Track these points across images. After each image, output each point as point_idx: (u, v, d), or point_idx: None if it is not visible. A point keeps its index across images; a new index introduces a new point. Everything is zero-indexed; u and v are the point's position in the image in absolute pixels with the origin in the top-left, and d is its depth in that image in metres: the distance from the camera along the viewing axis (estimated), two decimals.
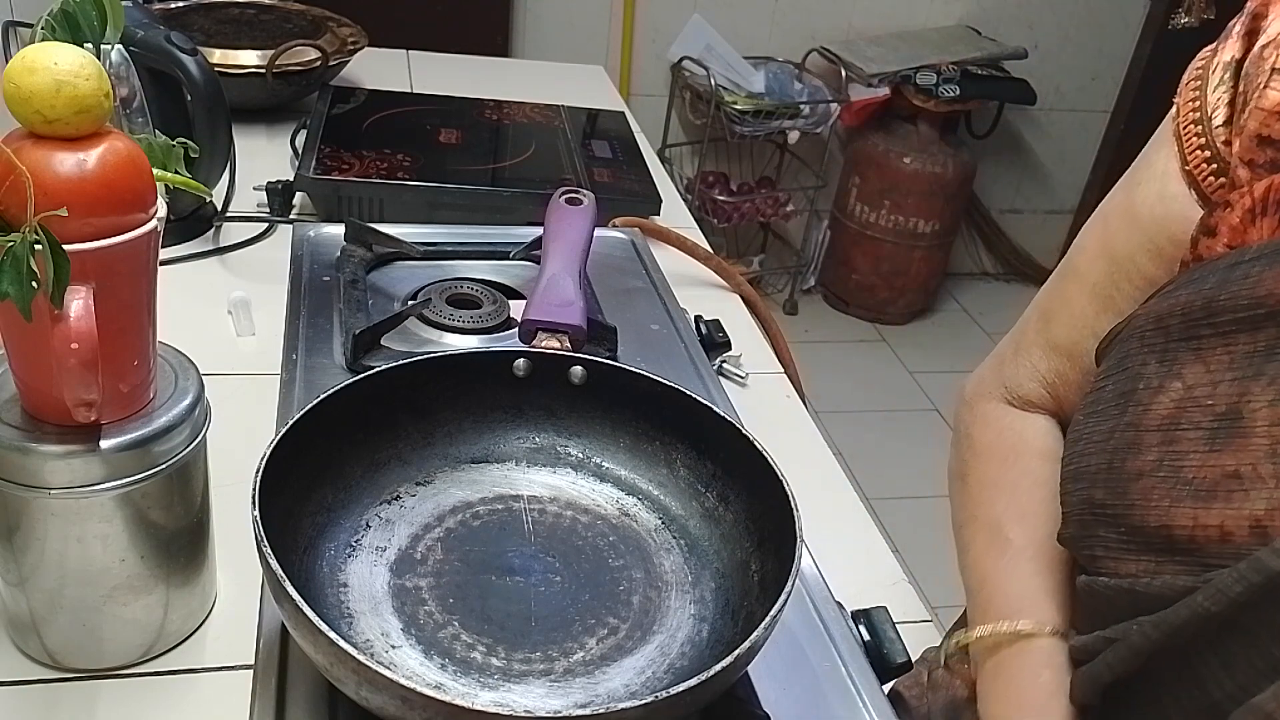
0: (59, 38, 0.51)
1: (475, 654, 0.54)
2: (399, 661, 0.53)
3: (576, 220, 0.82)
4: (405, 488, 0.64)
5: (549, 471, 0.67)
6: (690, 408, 0.63)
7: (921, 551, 2.23)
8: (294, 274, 0.90)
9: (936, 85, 2.64)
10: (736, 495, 0.61)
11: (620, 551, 0.62)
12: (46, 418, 0.53)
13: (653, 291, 0.96)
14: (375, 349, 0.79)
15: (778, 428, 0.94)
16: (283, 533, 0.53)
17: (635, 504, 0.65)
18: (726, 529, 0.61)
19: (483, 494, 0.65)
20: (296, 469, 0.56)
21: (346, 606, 0.56)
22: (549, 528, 0.63)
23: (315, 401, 0.58)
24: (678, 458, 0.65)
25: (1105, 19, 2.96)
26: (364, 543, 0.60)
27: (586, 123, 1.36)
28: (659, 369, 0.70)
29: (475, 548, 0.60)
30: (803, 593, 0.65)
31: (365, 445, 0.62)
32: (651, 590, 0.59)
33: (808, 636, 0.62)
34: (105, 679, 0.59)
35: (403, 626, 0.55)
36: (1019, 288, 3.24)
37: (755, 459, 0.59)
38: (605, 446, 0.67)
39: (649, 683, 0.54)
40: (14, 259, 0.45)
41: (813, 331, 2.93)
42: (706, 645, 0.56)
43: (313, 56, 1.29)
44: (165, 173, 0.55)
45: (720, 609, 0.58)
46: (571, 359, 0.67)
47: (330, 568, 0.57)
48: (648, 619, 0.58)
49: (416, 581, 0.58)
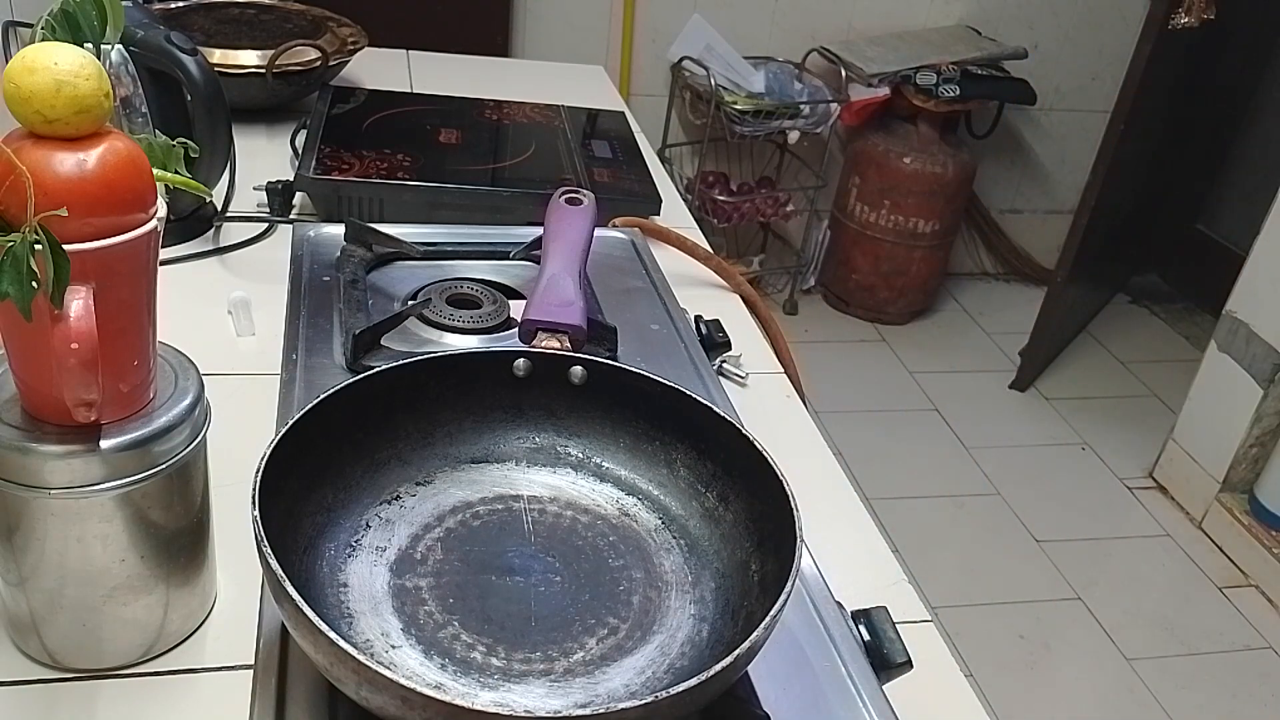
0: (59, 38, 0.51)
1: (475, 654, 0.54)
2: (399, 661, 0.53)
3: (576, 220, 0.82)
4: (405, 488, 0.64)
5: (549, 471, 0.67)
6: (690, 408, 0.63)
7: (921, 551, 2.23)
8: (294, 274, 0.90)
9: (936, 85, 2.64)
10: (736, 495, 0.62)
11: (620, 551, 0.62)
12: (46, 418, 0.53)
13: (653, 291, 0.96)
14: (375, 349, 0.79)
15: (778, 428, 0.94)
16: (283, 533, 0.53)
17: (635, 504, 0.65)
18: (726, 529, 0.61)
19: (483, 494, 0.65)
20: (296, 469, 0.56)
21: (346, 606, 0.56)
22: (549, 528, 0.63)
23: (315, 401, 0.58)
24: (678, 458, 0.65)
25: (1105, 19, 2.96)
26: (364, 543, 0.60)
27: (586, 123, 1.36)
28: (659, 369, 0.70)
29: (475, 548, 0.60)
30: (803, 593, 0.65)
31: (365, 445, 0.63)
32: (651, 590, 0.59)
33: (808, 636, 0.62)
34: (105, 679, 0.59)
35: (403, 626, 0.55)
36: (1019, 288, 3.24)
37: (755, 459, 0.59)
38: (605, 446, 0.67)
39: (649, 683, 0.54)
40: (14, 259, 0.45)
41: (813, 331, 2.93)
42: (706, 645, 0.56)
43: (313, 56, 1.29)
44: (165, 173, 0.55)
45: (720, 609, 0.58)
46: (571, 359, 0.67)
47: (330, 568, 0.57)
48: (648, 619, 0.58)
49: (416, 581, 0.58)
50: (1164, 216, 3.15)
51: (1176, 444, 2.41)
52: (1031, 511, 2.33)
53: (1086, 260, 2.64)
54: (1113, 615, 2.08)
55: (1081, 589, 2.13)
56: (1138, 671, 1.96)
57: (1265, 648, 2.05)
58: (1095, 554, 2.24)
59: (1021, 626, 2.03)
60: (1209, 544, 2.30)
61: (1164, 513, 2.39)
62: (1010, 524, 2.29)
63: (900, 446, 2.50)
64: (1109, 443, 2.58)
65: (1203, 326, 2.98)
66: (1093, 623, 2.06)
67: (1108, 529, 2.33)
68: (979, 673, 1.92)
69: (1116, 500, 2.42)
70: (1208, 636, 2.06)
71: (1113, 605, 2.10)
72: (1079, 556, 2.22)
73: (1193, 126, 2.91)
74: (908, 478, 2.40)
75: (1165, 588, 2.18)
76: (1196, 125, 2.93)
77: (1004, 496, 2.37)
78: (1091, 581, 2.16)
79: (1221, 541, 2.29)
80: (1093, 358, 2.94)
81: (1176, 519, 2.37)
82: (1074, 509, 2.36)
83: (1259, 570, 2.19)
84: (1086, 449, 2.57)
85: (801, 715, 0.57)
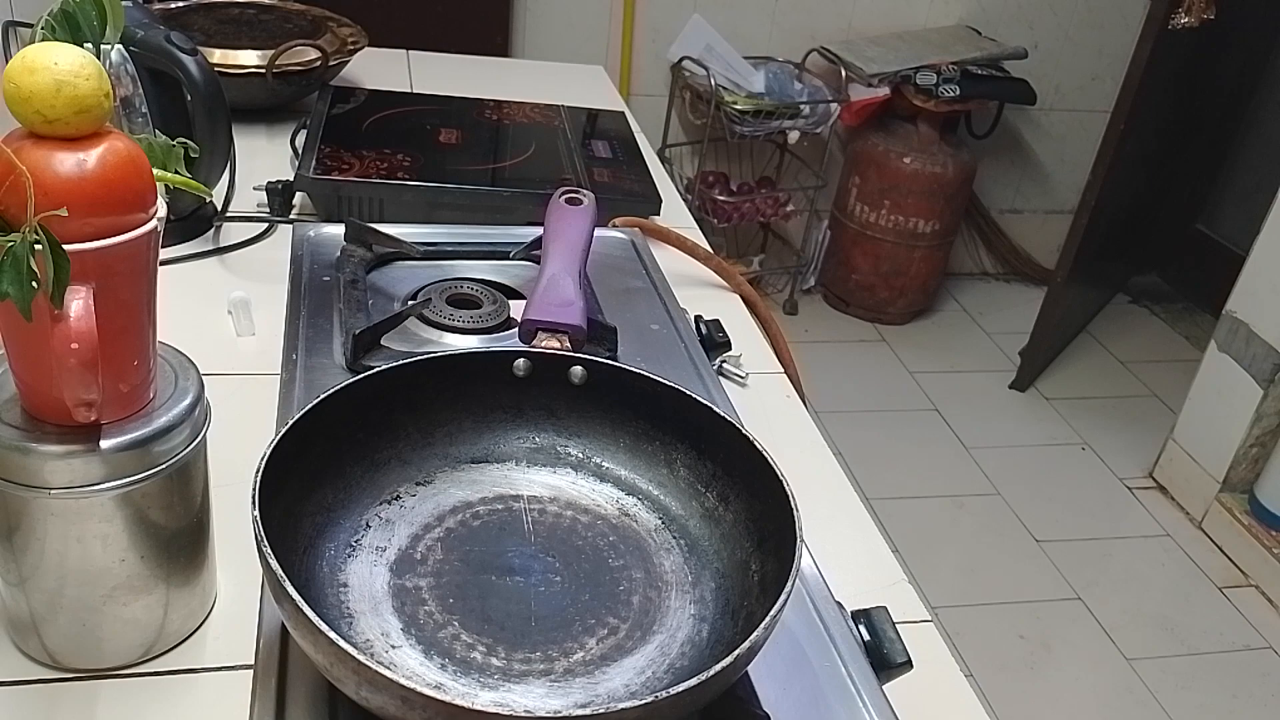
0: (59, 38, 0.51)
1: (475, 654, 0.54)
2: (399, 661, 0.53)
3: (576, 220, 0.82)
4: (405, 488, 0.64)
5: (549, 471, 0.67)
6: (690, 408, 0.63)
7: (921, 551, 2.24)
8: (294, 274, 0.90)
9: (936, 85, 2.64)
10: (736, 495, 0.61)
11: (620, 551, 0.62)
12: (46, 418, 0.53)
13: (653, 291, 0.96)
14: (375, 349, 0.79)
15: (778, 428, 0.94)
16: (282, 533, 0.53)
17: (635, 504, 0.65)
18: (726, 529, 0.61)
19: (483, 494, 0.65)
20: (296, 469, 0.56)
21: (346, 606, 0.56)
22: (549, 528, 0.63)
23: (315, 402, 0.58)
24: (678, 458, 0.65)
25: (1105, 19, 2.96)
26: (364, 543, 0.60)
27: (586, 123, 1.36)
28: (659, 369, 0.70)
29: (475, 548, 0.60)
30: (803, 593, 0.65)
31: (365, 445, 0.63)
32: (651, 590, 0.59)
33: (808, 636, 0.62)
34: (105, 679, 0.59)
35: (403, 626, 0.55)
36: (1019, 288, 3.24)
37: (755, 459, 0.59)
38: (605, 446, 0.67)
39: (649, 683, 0.54)
40: (14, 259, 0.45)
41: (813, 331, 2.93)
42: (707, 645, 0.56)
43: (313, 56, 1.29)
44: (165, 173, 0.55)
45: (720, 609, 0.58)
46: (571, 359, 0.67)
47: (330, 568, 0.57)
48: (648, 619, 0.58)
49: (416, 581, 0.58)
50: (1164, 216, 3.15)
51: (1176, 444, 2.41)
52: (1031, 511, 2.33)
53: (1086, 260, 2.64)
54: (1112, 615, 2.08)
55: (1081, 589, 2.13)
56: (1138, 671, 1.96)
57: (1265, 648, 2.05)
58: (1095, 554, 2.24)
59: (1021, 626, 2.03)
60: (1209, 544, 2.30)
61: (1164, 513, 2.39)
62: (1010, 524, 2.29)
63: (900, 446, 2.50)
64: (1109, 443, 2.58)
65: (1203, 326, 2.98)
66: (1093, 623, 2.06)
67: (1108, 529, 2.33)
68: (979, 673, 1.92)
69: (1116, 500, 2.42)
70: (1207, 636, 2.06)
71: (1112, 605, 2.10)
72: (1079, 556, 2.22)
73: (1193, 126, 2.91)
74: (908, 478, 2.40)
75: (1165, 588, 2.18)
76: (1196, 125, 2.92)
77: (1004, 496, 2.37)
78: (1091, 581, 2.16)
79: (1221, 541, 2.29)
80: (1093, 358, 2.94)
81: (1176, 519, 2.37)
82: (1074, 509, 2.36)
83: (1259, 570, 2.19)
84: (1086, 449, 2.57)
85: (801, 715, 0.57)
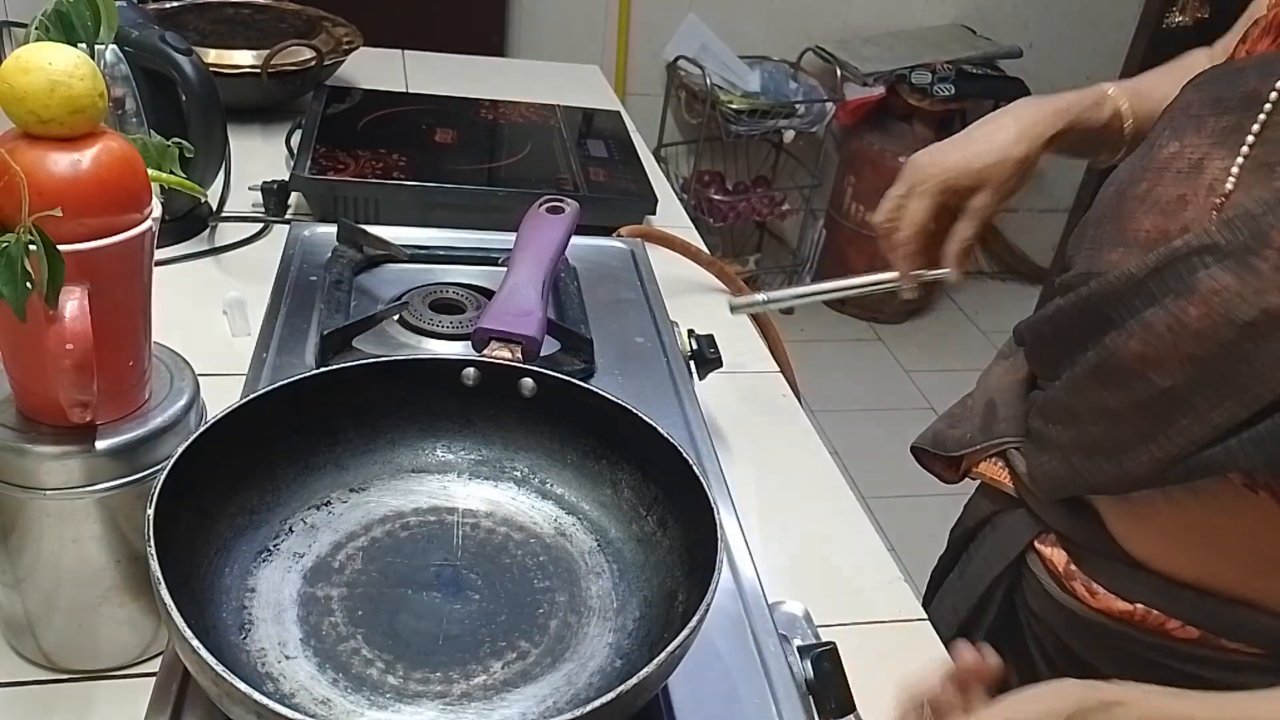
0: (53, 38, 0.51)
1: (372, 670, 0.51)
2: (289, 672, 0.51)
3: (549, 229, 0.80)
4: (338, 494, 0.61)
5: (490, 485, 0.64)
6: (636, 427, 0.61)
7: (917, 550, 2.23)
8: (281, 272, 0.89)
9: (932, 84, 2.64)
10: (675, 520, 0.59)
11: (548, 572, 0.59)
12: (42, 418, 0.53)
13: (643, 303, 0.93)
14: (346, 351, 0.76)
15: (774, 427, 0.94)
16: (193, 532, 0.51)
17: (573, 524, 0.63)
18: (661, 555, 0.59)
19: (416, 504, 0.62)
20: (216, 468, 0.54)
21: (248, 612, 0.53)
22: (479, 543, 0.60)
23: (242, 400, 0.56)
24: (623, 478, 0.63)
25: (1100, 18, 2.96)
26: (282, 548, 0.57)
27: (582, 122, 1.36)
28: (635, 383, 0.68)
29: (398, 559, 0.58)
30: (744, 624, 0.61)
31: (300, 448, 0.60)
32: (572, 615, 0.57)
33: (743, 671, 0.58)
34: (101, 680, 0.59)
35: (302, 637, 0.53)
36: (1015, 286, 3.25)
37: (692, 483, 0.56)
38: (551, 463, 0.65)
39: (548, 712, 0.51)
40: (9, 259, 0.45)
41: (809, 330, 2.93)
42: (618, 677, 0.52)
43: (308, 56, 1.29)
44: (160, 173, 0.55)
45: (640, 640, 0.56)
46: (522, 370, 0.64)
47: (241, 571, 0.55)
48: (561, 645, 0.55)
49: (328, 591, 0.55)
50: None
51: None
52: None
53: None
54: None
55: None
56: None
57: None
58: None
59: None
60: None
61: None
62: None
63: (896, 445, 2.49)
64: None
65: None
66: None
67: None
68: None
69: None
70: None
71: None
72: None
73: None
74: (904, 476, 2.39)
75: None
76: None
77: None
78: None
79: None
80: None
81: None
82: None
83: None
84: None
85: None
